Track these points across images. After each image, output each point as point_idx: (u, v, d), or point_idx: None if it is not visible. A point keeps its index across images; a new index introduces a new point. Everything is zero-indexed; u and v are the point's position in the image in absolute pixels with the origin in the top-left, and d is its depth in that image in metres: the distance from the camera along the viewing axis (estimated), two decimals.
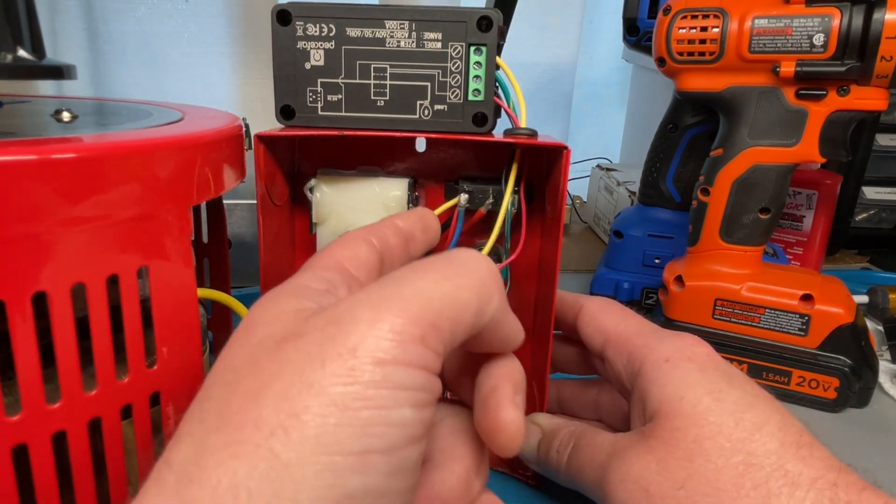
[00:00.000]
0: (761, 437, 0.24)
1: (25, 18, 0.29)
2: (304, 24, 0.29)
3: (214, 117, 0.32)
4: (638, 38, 0.56)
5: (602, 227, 0.78)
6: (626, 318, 0.31)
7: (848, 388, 0.41)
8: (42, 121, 0.29)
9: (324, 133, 0.30)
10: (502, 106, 0.31)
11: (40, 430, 0.22)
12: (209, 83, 0.76)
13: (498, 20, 0.29)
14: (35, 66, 0.29)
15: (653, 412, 0.26)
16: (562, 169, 0.29)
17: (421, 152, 0.35)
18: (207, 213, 0.38)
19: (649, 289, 0.55)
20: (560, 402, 0.35)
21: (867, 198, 0.70)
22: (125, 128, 0.27)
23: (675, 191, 0.54)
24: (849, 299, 0.43)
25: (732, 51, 0.39)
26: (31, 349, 0.21)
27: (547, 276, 0.33)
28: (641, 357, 0.28)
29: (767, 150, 0.40)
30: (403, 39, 0.29)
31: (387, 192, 0.33)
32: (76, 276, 0.22)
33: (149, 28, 0.73)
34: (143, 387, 0.25)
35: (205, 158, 0.26)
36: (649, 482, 0.24)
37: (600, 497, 0.26)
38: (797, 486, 0.22)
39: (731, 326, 0.43)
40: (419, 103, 0.30)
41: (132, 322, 0.24)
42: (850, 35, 0.36)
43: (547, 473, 0.31)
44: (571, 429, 0.29)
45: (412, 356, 0.17)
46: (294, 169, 0.35)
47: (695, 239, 0.44)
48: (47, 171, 0.20)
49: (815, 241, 0.57)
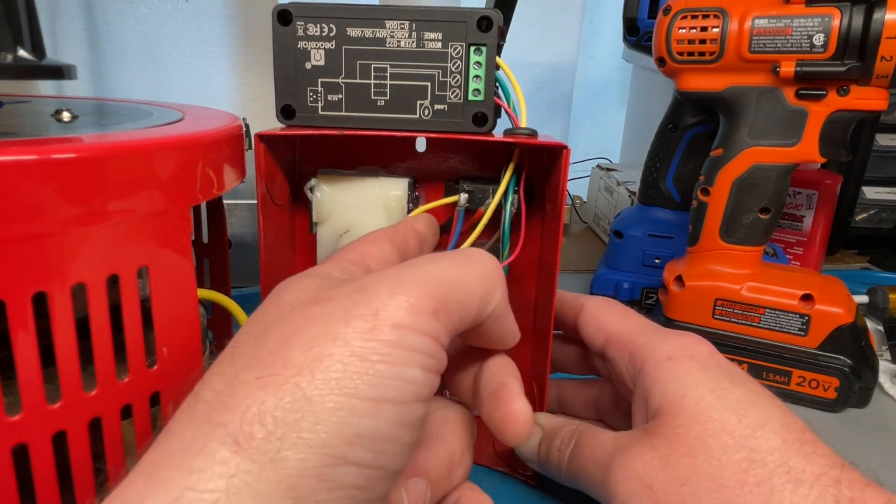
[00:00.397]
0: (764, 433, 0.24)
1: (25, 18, 0.29)
2: (304, 24, 0.29)
3: (214, 117, 0.32)
4: (638, 38, 0.56)
5: (602, 227, 0.78)
6: (628, 318, 0.31)
7: (848, 388, 0.41)
8: (42, 121, 0.29)
9: (324, 133, 0.30)
10: (502, 106, 0.31)
11: (40, 430, 0.22)
12: (209, 83, 0.76)
13: (498, 20, 0.29)
14: (35, 66, 0.29)
15: (655, 410, 0.26)
16: (562, 169, 0.29)
17: (421, 152, 0.35)
18: (207, 213, 0.38)
19: (649, 289, 0.55)
20: (560, 401, 0.35)
21: (867, 198, 0.70)
22: (125, 128, 0.27)
23: (675, 191, 0.54)
24: (849, 299, 0.43)
25: (732, 51, 0.39)
26: (31, 349, 0.21)
27: (547, 276, 0.33)
28: (643, 356, 0.28)
29: (767, 150, 0.40)
30: (404, 39, 0.29)
31: (387, 192, 0.33)
32: (76, 276, 0.22)
33: (149, 28, 0.73)
34: (143, 387, 0.25)
35: (205, 158, 0.26)
36: (652, 479, 0.24)
37: (603, 495, 0.26)
38: (801, 482, 0.22)
39: (731, 326, 0.43)
40: (419, 103, 0.30)
41: (132, 322, 0.24)
42: (850, 35, 0.36)
43: (548, 473, 0.31)
44: (573, 428, 0.29)
45: (424, 325, 0.19)
46: (294, 169, 0.35)
47: (695, 239, 0.44)
48: (47, 171, 0.20)
49: (815, 241, 0.57)
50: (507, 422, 0.23)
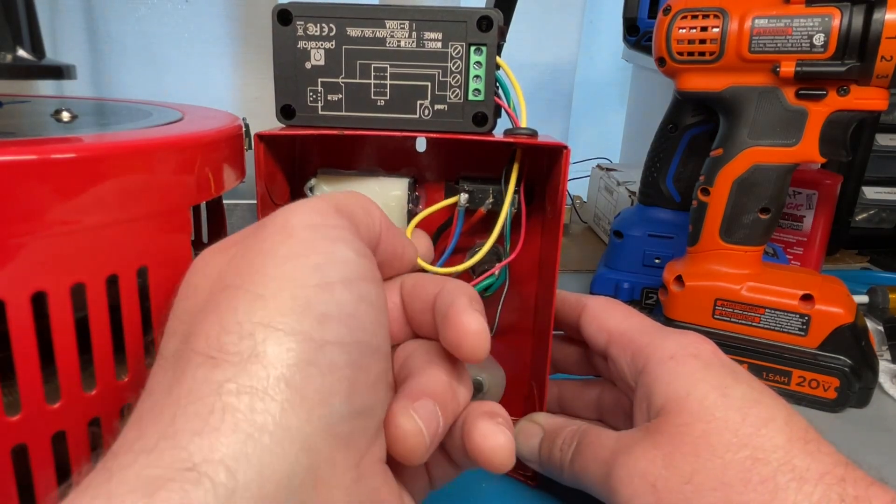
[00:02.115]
0: (768, 432, 0.24)
1: (25, 18, 0.29)
2: (304, 23, 0.29)
3: (214, 117, 0.32)
4: (638, 38, 0.56)
5: (602, 227, 0.78)
6: (630, 317, 0.31)
7: (848, 388, 0.41)
8: (42, 121, 0.29)
9: (324, 133, 0.30)
10: (502, 106, 0.31)
11: (40, 430, 0.22)
12: (209, 83, 0.76)
13: (498, 20, 0.29)
14: (35, 66, 0.29)
15: (658, 408, 0.26)
16: (562, 169, 0.29)
17: (421, 152, 0.35)
18: (207, 213, 0.38)
19: (649, 289, 0.55)
20: (560, 402, 0.35)
21: (867, 198, 0.70)
22: (125, 128, 0.27)
23: (675, 191, 0.54)
24: (849, 299, 0.43)
25: (732, 51, 0.39)
26: (30, 349, 0.21)
27: (547, 276, 0.33)
28: (646, 355, 0.28)
29: (767, 150, 0.40)
30: (404, 39, 0.29)
31: (387, 192, 0.33)
32: (76, 276, 0.22)
33: (149, 28, 0.73)
34: (143, 387, 0.25)
35: (205, 158, 0.26)
36: (656, 477, 0.24)
37: (605, 494, 0.26)
38: (805, 480, 0.22)
39: (731, 326, 0.43)
40: (419, 103, 0.30)
41: (132, 322, 0.24)
42: (850, 35, 0.36)
43: (549, 473, 0.31)
44: (574, 428, 0.29)
45: (333, 220, 0.21)
46: (294, 169, 0.35)
47: (695, 239, 0.44)
48: (47, 171, 0.20)
49: (815, 241, 0.57)
50: (459, 337, 0.22)
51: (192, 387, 0.17)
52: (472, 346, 0.22)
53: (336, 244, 0.20)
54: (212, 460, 0.15)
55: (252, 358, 0.17)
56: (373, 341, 0.20)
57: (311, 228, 0.20)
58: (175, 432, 0.16)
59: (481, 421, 0.23)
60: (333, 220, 0.21)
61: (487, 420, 0.23)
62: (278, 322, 0.18)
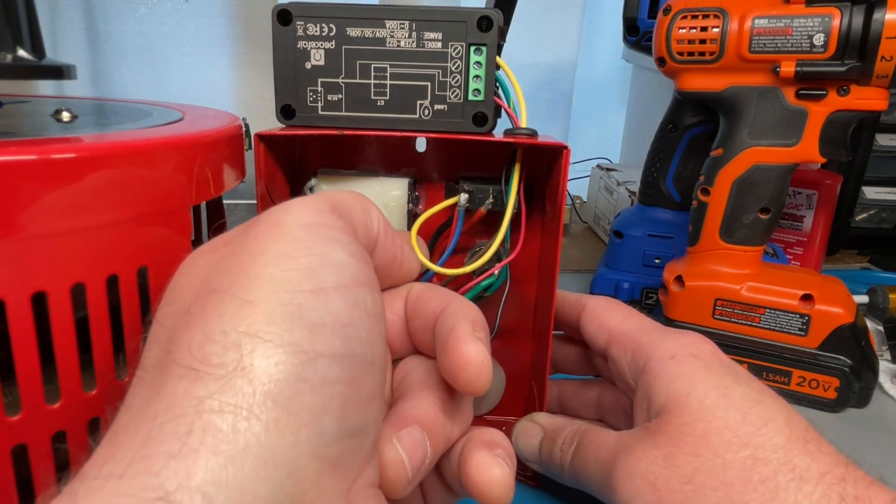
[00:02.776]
0: (768, 431, 0.24)
1: (25, 18, 0.29)
2: (304, 23, 0.29)
3: (214, 117, 0.32)
4: (638, 38, 0.56)
5: (602, 227, 0.78)
6: (630, 317, 0.31)
7: (848, 388, 0.41)
8: (42, 121, 0.29)
9: (324, 133, 0.30)
10: (502, 106, 0.31)
11: (40, 430, 0.22)
12: (209, 83, 0.76)
13: (498, 20, 0.29)
14: (35, 66, 0.29)
15: (659, 408, 0.26)
16: (562, 169, 0.29)
17: (421, 152, 0.35)
18: (207, 213, 0.38)
19: (649, 289, 0.55)
20: (560, 402, 0.35)
21: (867, 198, 0.70)
22: (125, 128, 0.27)
23: (675, 191, 0.54)
24: (849, 299, 0.43)
25: (732, 51, 0.39)
26: (30, 349, 0.21)
27: (547, 276, 0.33)
28: (646, 354, 0.28)
29: (767, 150, 0.40)
30: (403, 39, 0.29)
31: (387, 192, 0.33)
32: (76, 276, 0.22)
33: (149, 28, 0.73)
34: None
35: (204, 158, 0.26)
36: (656, 477, 0.24)
37: (606, 494, 0.26)
38: (805, 480, 0.22)
39: (731, 326, 0.43)
40: (419, 103, 0.30)
41: (132, 322, 0.24)
42: (851, 35, 0.36)
43: (549, 473, 0.31)
44: (575, 428, 0.29)
45: (328, 219, 0.20)
46: (294, 169, 0.35)
47: (695, 239, 0.44)
48: (47, 171, 0.20)
49: (815, 241, 0.57)
50: (457, 369, 0.20)
51: (171, 403, 0.15)
52: (471, 378, 0.20)
53: (331, 245, 0.19)
54: (187, 487, 0.14)
55: (237, 371, 0.16)
56: (368, 354, 0.19)
57: (305, 227, 0.19)
58: (148, 455, 0.14)
59: (478, 451, 0.21)
60: (329, 220, 0.20)
61: (485, 451, 0.21)
62: (266, 332, 0.16)
